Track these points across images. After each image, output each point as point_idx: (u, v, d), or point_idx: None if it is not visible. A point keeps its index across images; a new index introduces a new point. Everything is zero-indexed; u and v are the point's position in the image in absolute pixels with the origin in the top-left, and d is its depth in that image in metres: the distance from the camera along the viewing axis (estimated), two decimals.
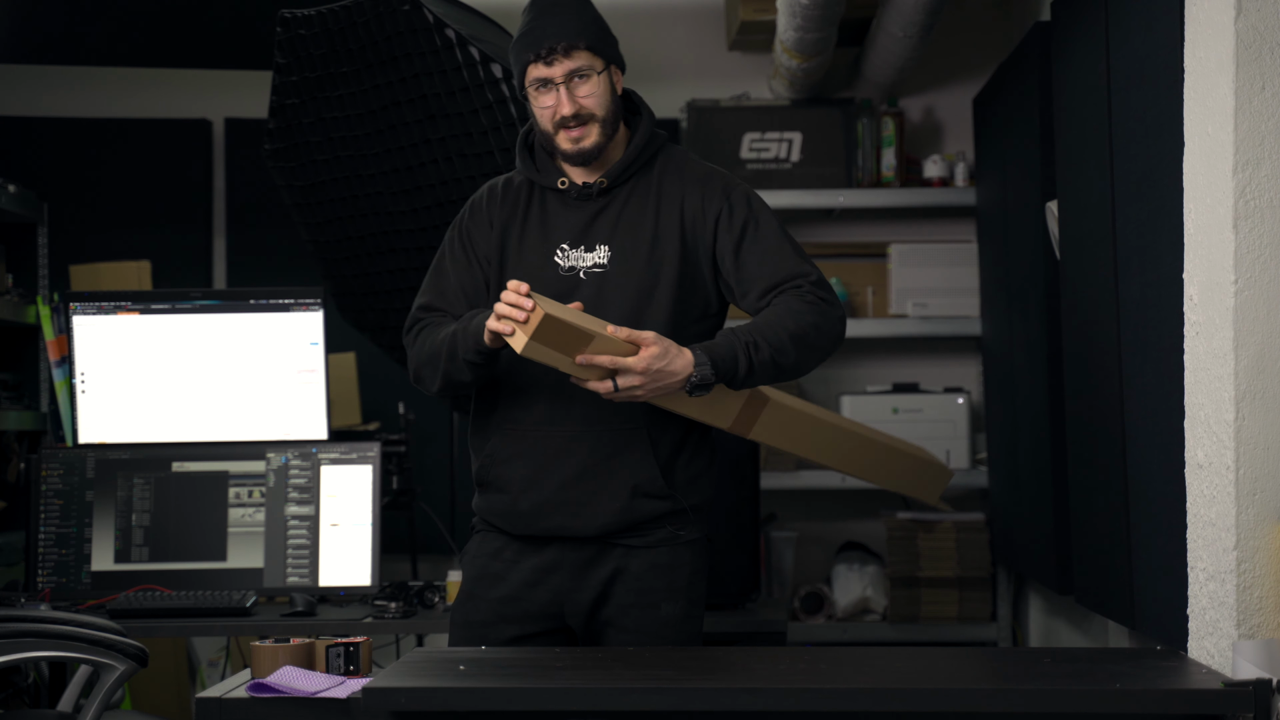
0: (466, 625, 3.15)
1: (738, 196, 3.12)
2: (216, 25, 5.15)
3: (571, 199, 3.12)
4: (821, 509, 5.68)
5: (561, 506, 3.07)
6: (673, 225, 3.09)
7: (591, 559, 3.10)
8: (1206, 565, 2.82)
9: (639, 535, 3.10)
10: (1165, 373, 3.09)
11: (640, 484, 3.07)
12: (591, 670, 2.79)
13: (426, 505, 4.78)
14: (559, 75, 3.03)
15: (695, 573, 3.15)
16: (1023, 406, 4.69)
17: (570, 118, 3.04)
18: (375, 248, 4.51)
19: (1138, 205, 3.31)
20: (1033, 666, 2.85)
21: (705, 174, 3.14)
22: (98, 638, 3.21)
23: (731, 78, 5.71)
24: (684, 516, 3.12)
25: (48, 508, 4.12)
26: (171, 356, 4.27)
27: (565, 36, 3.02)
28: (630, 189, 3.12)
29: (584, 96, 3.04)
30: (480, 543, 3.19)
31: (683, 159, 3.17)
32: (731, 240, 3.08)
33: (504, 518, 3.13)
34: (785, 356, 3.00)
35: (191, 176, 5.72)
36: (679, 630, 3.11)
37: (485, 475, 3.14)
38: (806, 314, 3.02)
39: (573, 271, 3.08)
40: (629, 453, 3.07)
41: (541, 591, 3.11)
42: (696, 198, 3.10)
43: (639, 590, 3.09)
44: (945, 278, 5.52)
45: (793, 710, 2.60)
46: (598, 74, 3.05)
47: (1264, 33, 2.69)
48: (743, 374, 2.97)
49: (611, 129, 3.09)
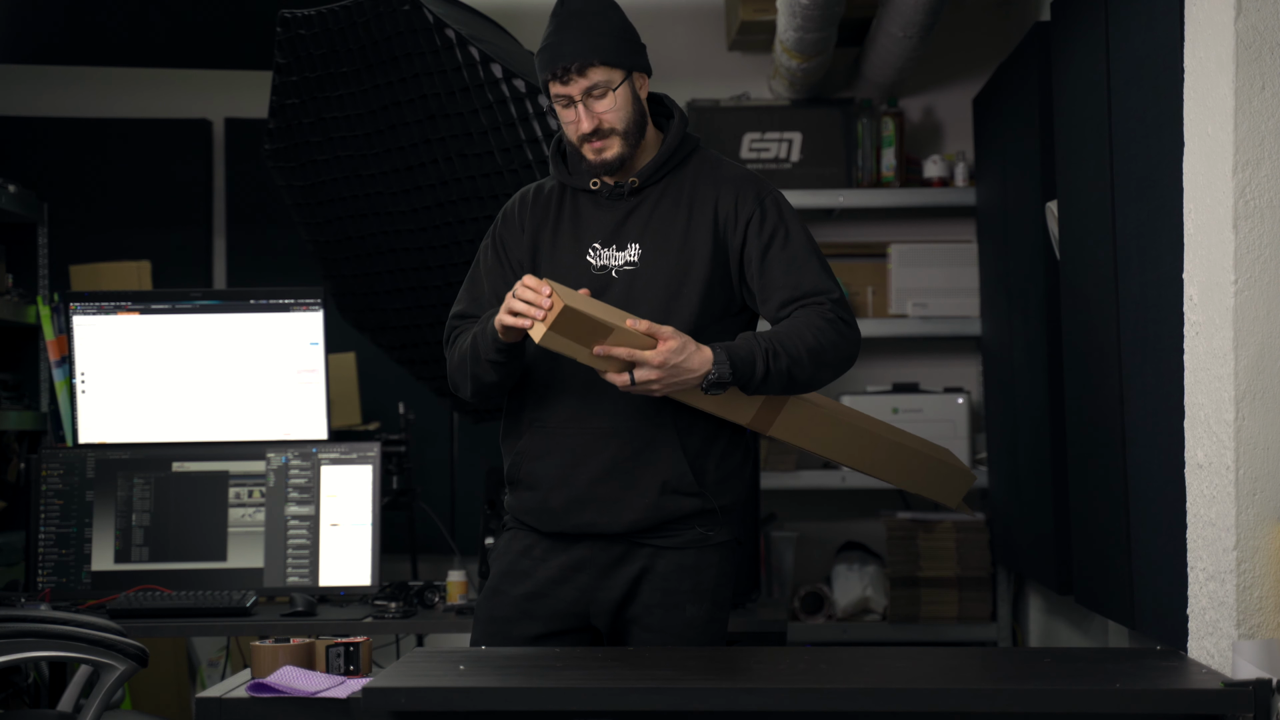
0: (491, 620, 3.15)
1: (770, 202, 3.13)
2: (216, 25, 5.15)
3: (604, 199, 3.13)
4: (821, 509, 5.68)
5: (592, 502, 3.08)
6: (705, 225, 3.10)
7: (619, 558, 3.11)
8: (1206, 565, 2.82)
9: (668, 535, 3.10)
10: (1165, 373, 3.09)
11: (669, 480, 3.07)
12: (592, 670, 2.79)
13: (426, 505, 4.78)
14: (576, 94, 3.04)
15: (722, 575, 3.15)
16: (1023, 406, 4.69)
17: (590, 134, 3.05)
18: (375, 248, 4.51)
19: (1138, 205, 3.31)
20: (1033, 666, 2.85)
21: (740, 176, 3.16)
22: (98, 638, 3.21)
23: (731, 78, 5.71)
24: (713, 517, 3.13)
25: (48, 508, 4.12)
26: (171, 356, 4.27)
27: (579, 55, 3.02)
28: (663, 189, 3.13)
29: (603, 112, 3.05)
30: (510, 540, 3.20)
31: (717, 160, 3.19)
32: (760, 245, 3.10)
33: (535, 515, 3.14)
34: (801, 370, 3.02)
35: (191, 176, 5.72)
36: (703, 632, 3.11)
37: (516, 473, 3.15)
38: (827, 332, 3.04)
39: (605, 270, 3.10)
40: (658, 449, 3.08)
41: (568, 589, 3.12)
42: (730, 199, 3.12)
43: (665, 590, 3.10)
44: (945, 278, 5.52)
45: (793, 710, 2.61)
46: (614, 90, 3.05)
47: (1264, 33, 2.69)
48: (759, 380, 2.98)
49: (635, 139, 3.09)
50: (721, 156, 3.22)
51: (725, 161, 3.19)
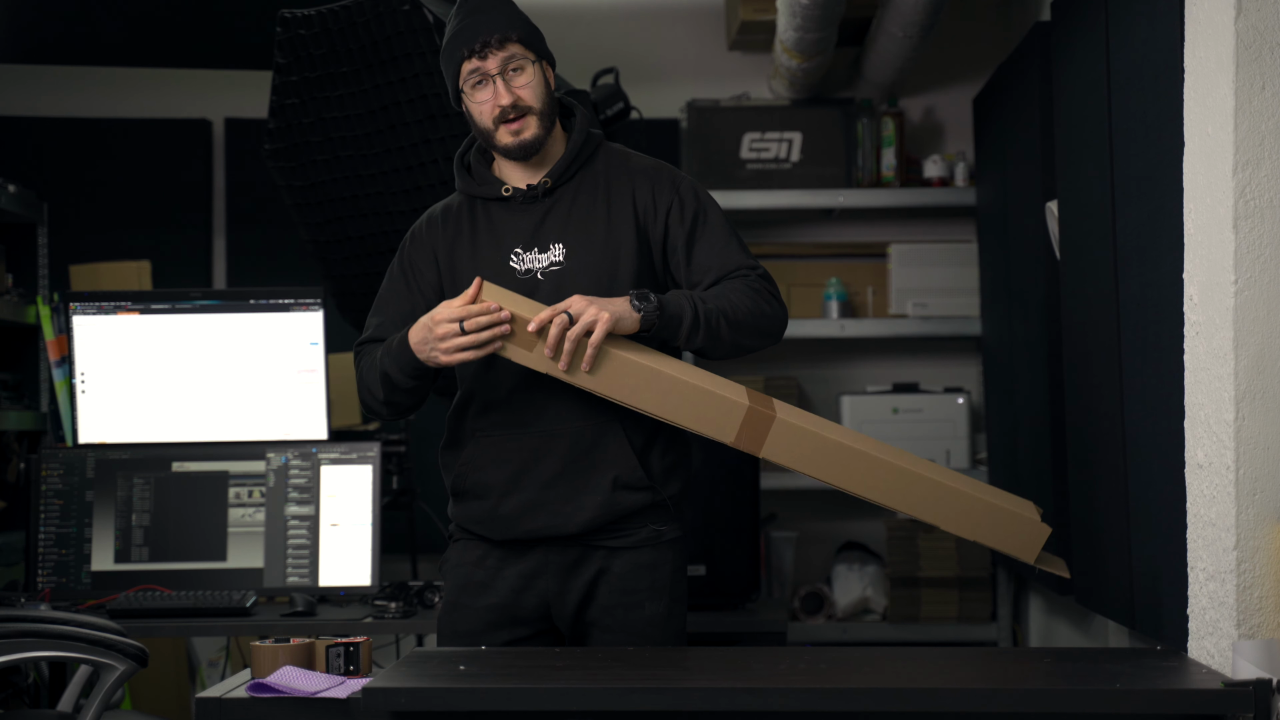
0: (455, 635, 3.16)
1: (686, 189, 3.15)
2: (216, 25, 5.15)
3: (518, 203, 3.14)
4: (821, 509, 5.68)
5: (544, 506, 3.08)
6: (625, 217, 3.11)
7: (575, 561, 3.11)
8: (1206, 565, 2.82)
9: (622, 535, 3.11)
10: (1165, 373, 3.09)
11: (620, 475, 3.07)
12: (592, 670, 2.79)
13: (426, 505, 4.78)
14: (494, 67, 3.05)
15: (677, 570, 3.16)
16: (1023, 406, 4.69)
17: (509, 108, 3.05)
18: (375, 248, 4.51)
19: (1138, 205, 3.31)
20: (1033, 666, 2.85)
21: (652, 167, 3.18)
22: (98, 638, 3.21)
23: (731, 78, 5.71)
24: (665, 512, 3.13)
25: (48, 508, 4.12)
26: (171, 356, 4.27)
27: (497, 29, 3.05)
28: (576, 186, 3.14)
29: (520, 87, 3.06)
30: (461, 551, 3.20)
31: (625, 153, 3.21)
32: (684, 233, 3.11)
33: (484, 524, 3.14)
34: (730, 322, 3.01)
35: (191, 176, 5.72)
36: (663, 629, 3.12)
37: (461, 484, 3.15)
38: (756, 297, 3.06)
39: (530, 274, 3.10)
40: (606, 446, 3.08)
41: (529, 596, 3.12)
42: (647, 190, 3.13)
43: (623, 590, 3.11)
44: (945, 278, 5.52)
45: (793, 710, 2.61)
46: (532, 64, 3.07)
47: (1264, 33, 2.69)
48: (689, 316, 2.97)
49: (549, 121, 3.11)
50: (627, 149, 3.23)
51: (632, 154, 3.21)
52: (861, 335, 5.50)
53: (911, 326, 5.51)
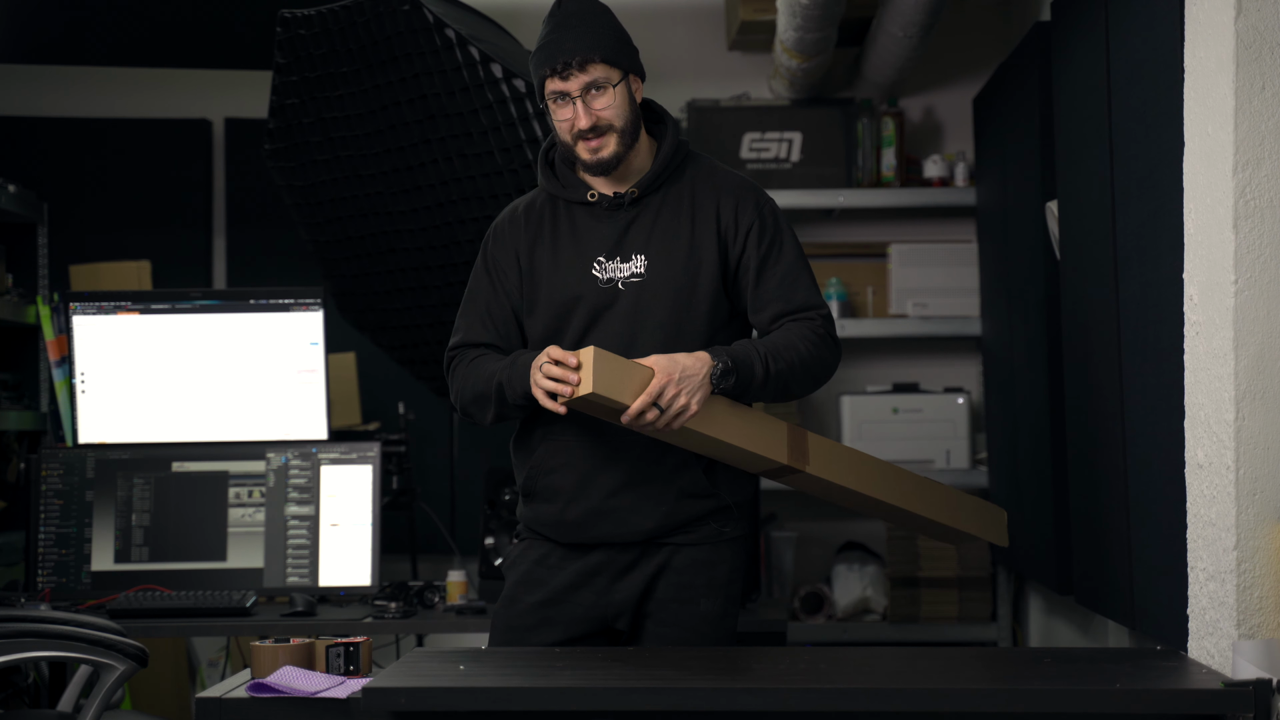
0: (508, 629, 3.15)
1: (768, 212, 3.15)
2: (216, 25, 5.15)
3: (602, 210, 3.12)
4: (821, 509, 5.67)
5: (608, 515, 3.10)
6: (709, 233, 3.11)
7: (636, 559, 3.12)
8: (1206, 565, 2.82)
9: (684, 532, 3.12)
10: (1165, 373, 3.09)
11: (685, 486, 3.09)
12: (592, 670, 2.79)
13: (426, 505, 4.78)
14: (575, 89, 3.03)
15: (734, 570, 3.17)
16: (1023, 406, 4.69)
17: (588, 130, 3.04)
18: (375, 248, 4.51)
19: (1138, 205, 3.31)
20: (1033, 666, 2.85)
21: (738, 184, 3.17)
22: (98, 638, 3.21)
23: (731, 78, 5.71)
24: (728, 513, 3.15)
25: (48, 508, 4.12)
26: (171, 356, 4.27)
27: (580, 50, 3.02)
28: (662, 198, 3.13)
29: (601, 109, 3.04)
30: (525, 549, 3.20)
31: (712, 166, 3.19)
32: (758, 256, 3.11)
33: (551, 527, 3.15)
34: (793, 377, 3.06)
35: (191, 176, 5.72)
36: (716, 627, 3.13)
37: (532, 486, 3.15)
38: (819, 346, 3.09)
39: (611, 283, 3.09)
40: (672, 459, 3.08)
41: (585, 593, 3.13)
42: (731, 207, 3.12)
43: (680, 585, 3.11)
44: (945, 278, 5.52)
45: (793, 710, 2.61)
46: (614, 86, 3.05)
47: (1264, 33, 2.69)
48: (759, 380, 3.00)
49: (630, 139, 3.09)
50: (714, 161, 3.23)
51: (719, 168, 3.20)
52: (861, 335, 5.50)
53: (911, 326, 5.50)
